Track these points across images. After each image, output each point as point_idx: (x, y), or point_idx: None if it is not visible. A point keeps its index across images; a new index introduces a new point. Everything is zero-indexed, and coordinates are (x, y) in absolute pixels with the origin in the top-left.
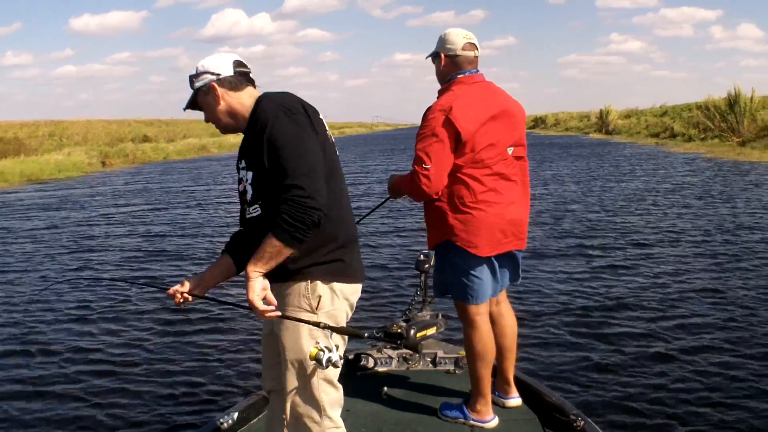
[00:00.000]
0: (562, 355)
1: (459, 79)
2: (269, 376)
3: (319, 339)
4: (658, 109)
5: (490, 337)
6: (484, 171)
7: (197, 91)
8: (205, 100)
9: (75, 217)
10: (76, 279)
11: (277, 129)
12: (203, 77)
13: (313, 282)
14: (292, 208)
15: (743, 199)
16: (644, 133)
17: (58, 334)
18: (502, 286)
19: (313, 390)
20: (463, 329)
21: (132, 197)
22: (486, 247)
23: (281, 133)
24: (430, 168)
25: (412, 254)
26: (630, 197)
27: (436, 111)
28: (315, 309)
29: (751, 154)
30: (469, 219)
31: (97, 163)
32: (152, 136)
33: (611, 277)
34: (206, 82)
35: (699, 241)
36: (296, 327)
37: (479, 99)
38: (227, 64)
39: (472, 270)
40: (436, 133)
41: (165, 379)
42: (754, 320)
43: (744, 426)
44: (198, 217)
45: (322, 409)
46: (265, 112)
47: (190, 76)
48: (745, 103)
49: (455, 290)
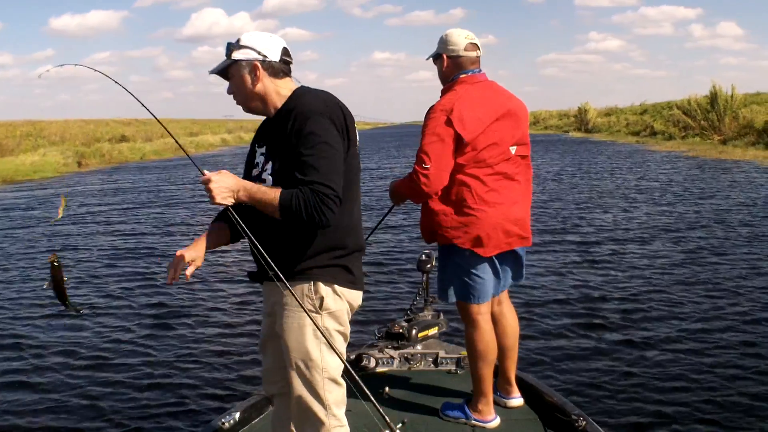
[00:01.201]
0: (562, 355)
1: (461, 78)
2: (271, 380)
3: (322, 339)
4: (638, 107)
5: (492, 337)
6: (486, 171)
7: (235, 62)
8: (241, 75)
9: (43, 218)
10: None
11: (318, 127)
12: (247, 52)
13: (315, 283)
14: (316, 200)
15: (733, 197)
16: (624, 132)
17: (47, 334)
18: (504, 285)
19: (318, 389)
20: (465, 329)
21: (106, 198)
22: (489, 247)
23: (320, 132)
24: (429, 168)
25: (413, 254)
26: (613, 194)
27: (438, 111)
28: (319, 309)
29: (734, 152)
30: (473, 220)
31: (72, 163)
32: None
33: (611, 276)
34: (250, 58)
35: (697, 238)
36: (301, 328)
37: (482, 99)
38: (276, 48)
39: (474, 269)
40: (436, 132)
41: (165, 380)
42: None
43: (747, 424)
44: (168, 217)
45: (327, 407)
46: (307, 106)
47: (230, 44)
48: (726, 101)
49: (457, 290)
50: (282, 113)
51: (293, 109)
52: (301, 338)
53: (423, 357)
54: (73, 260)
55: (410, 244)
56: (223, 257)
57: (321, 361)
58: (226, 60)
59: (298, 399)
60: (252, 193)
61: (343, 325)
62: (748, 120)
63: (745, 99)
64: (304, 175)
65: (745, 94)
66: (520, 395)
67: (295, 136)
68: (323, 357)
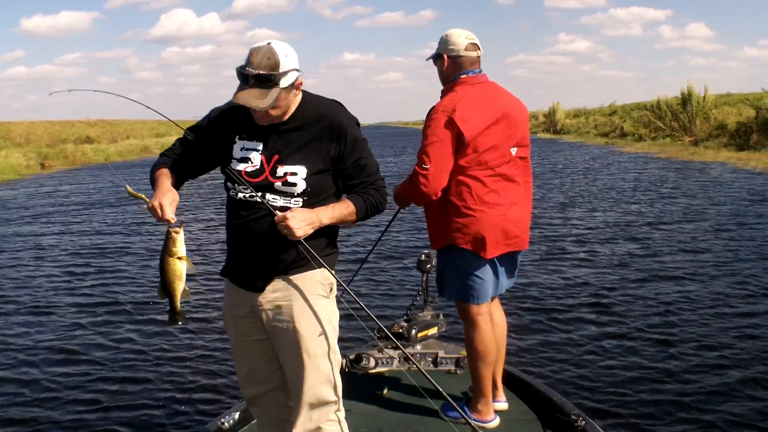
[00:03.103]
0: (563, 355)
1: (462, 79)
2: (258, 379)
3: (335, 324)
4: (607, 108)
5: (492, 338)
6: (486, 172)
7: (282, 89)
8: (285, 97)
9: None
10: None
11: (360, 133)
12: (291, 75)
13: (325, 270)
14: (381, 196)
15: (712, 197)
16: (593, 133)
17: (51, 336)
18: (503, 286)
19: (331, 372)
20: (465, 329)
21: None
22: (489, 248)
23: (362, 138)
24: (429, 168)
25: (413, 254)
26: (594, 195)
27: (439, 112)
28: (328, 294)
29: (706, 154)
30: (472, 221)
31: (35, 165)
32: (95, 136)
33: (607, 275)
34: (294, 79)
35: (690, 239)
36: (315, 314)
37: (482, 100)
38: (297, 59)
39: (474, 270)
40: (437, 133)
41: (165, 381)
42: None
43: (748, 422)
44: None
45: (337, 388)
46: (342, 117)
47: (274, 73)
48: (698, 102)
49: (457, 290)
50: (304, 118)
51: (318, 111)
52: (316, 324)
53: (422, 357)
54: (50, 260)
55: (410, 244)
56: (217, 261)
57: (335, 344)
58: (275, 90)
59: (312, 385)
60: (333, 217)
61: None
62: (720, 121)
63: (716, 100)
64: (368, 176)
65: (716, 95)
66: (505, 399)
67: (345, 144)
68: (334, 340)
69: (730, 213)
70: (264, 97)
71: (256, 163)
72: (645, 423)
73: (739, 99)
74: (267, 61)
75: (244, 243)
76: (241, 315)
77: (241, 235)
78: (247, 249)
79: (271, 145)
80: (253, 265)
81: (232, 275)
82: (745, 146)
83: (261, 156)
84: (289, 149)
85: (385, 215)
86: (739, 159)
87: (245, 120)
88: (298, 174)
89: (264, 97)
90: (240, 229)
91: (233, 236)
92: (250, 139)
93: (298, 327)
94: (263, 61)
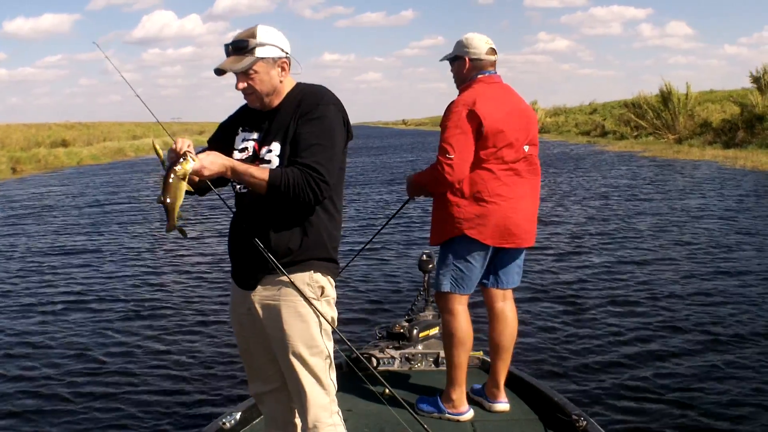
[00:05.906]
0: (564, 355)
1: (480, 78)
2: (263, 376)
3: (326, 326)
4: (588, 106)
5: (470, 326)
6: (501, 166)
7: (262, 59)
8: (268, 71)
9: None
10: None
11: (327, 113)
12: (270, 49)
13: (315, 273)
14: (304, 179)
15: (706, 196)
16: (574, 132)
17: (48, 334)
18: (507, 284)
19: (322, 373)
20: (442, 317)
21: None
22: (492, 237)
23: (330, 118)
24: (453, 158)
25: (414, 254)
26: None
27: (460, 105)
28: (319, 297)
29: (691, 152)
30: (484, 211)
31: (6, 169)
32: (71, 139)
33: (610, 275)
34: (276, 56)
35: (696, 236)
36: (303, 316)
37: (498, 98)
38: (287, 45)
39: (468, 255)
40: (459, 125)
41: (165, 381)
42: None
43: (750, 421)
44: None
45: (330, 391)
46: (318, 94)
47: (246, 41)
48: (679, 99)
49: (444, 277)
50: (289, 101)
51: (301, 94)
52: (304, 326)
53: (424, 357)
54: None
55: (411, 244)
56: (224, 259)
57: (324, 346)
58: (250, 57)
59: (302, 387)
60: (246, 173)
61: (335, 312)
62: (704, 118)
63: (699, 97)
64: (305, 154)
65: (699, 92)
66: (507, 400)
67: (302, 117)
68: (325, 342)
69: (735, 211)
70: (239, 63)
71: (250, 150)
72: (646, 423)
73: (722, 96)
74: (246, 32)
75: (237, 236)
76: (243, 312)
77: (235, 228)
78: (238, 243)
79: (262, 131)
80: (244, 261)
81: (232, 272)
82: (731, 144)
83: (254, 144)
84: (272, 130)
85: (390, 207)
86: (726, 157)
87: (247, 113)
88: (272, 150)
89: (239, 62)
90: (235, 222)
91: (230, 230)
92: (249, 130)
93: (285, 328)
94: (242, 33)
